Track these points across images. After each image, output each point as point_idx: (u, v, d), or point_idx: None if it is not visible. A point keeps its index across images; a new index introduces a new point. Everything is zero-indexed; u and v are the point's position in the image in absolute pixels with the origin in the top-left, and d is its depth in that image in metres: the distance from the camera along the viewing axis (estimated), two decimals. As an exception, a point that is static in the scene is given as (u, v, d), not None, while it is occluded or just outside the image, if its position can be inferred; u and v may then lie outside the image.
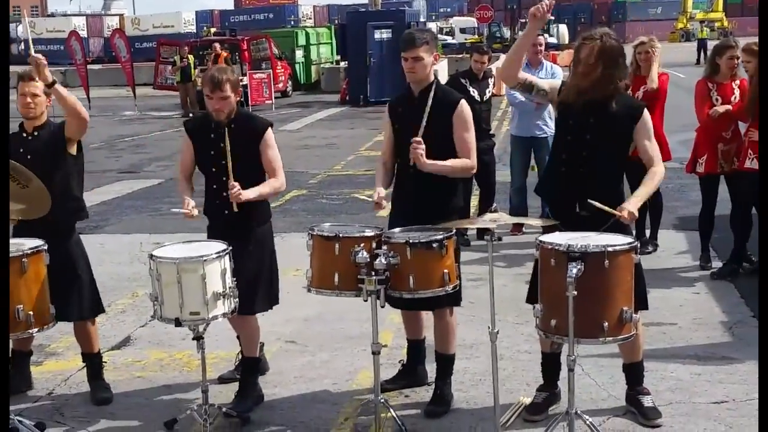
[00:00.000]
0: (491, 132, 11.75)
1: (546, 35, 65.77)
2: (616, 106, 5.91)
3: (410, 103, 6.43)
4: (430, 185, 6.27)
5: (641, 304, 5.95)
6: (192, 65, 31.04)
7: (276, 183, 6.44)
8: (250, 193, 6.24)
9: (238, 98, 6.50)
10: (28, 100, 6.65)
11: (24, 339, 6.69)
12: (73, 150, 6.78)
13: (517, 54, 6.18)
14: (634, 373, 6.31)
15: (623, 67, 6.03)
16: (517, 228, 11.41)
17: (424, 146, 6.10)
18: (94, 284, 6.90)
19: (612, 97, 5.91)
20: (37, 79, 6.61)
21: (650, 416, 6.13)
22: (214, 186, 6.49)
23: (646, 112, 6.04)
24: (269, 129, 6.48)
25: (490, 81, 11.41)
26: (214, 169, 6.46)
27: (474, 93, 11.02)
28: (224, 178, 6.35)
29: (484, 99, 11.18)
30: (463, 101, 6.38)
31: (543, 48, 11.53)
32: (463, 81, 11.12)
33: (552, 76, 10.89)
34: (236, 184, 6.16)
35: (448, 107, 6.32)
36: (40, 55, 6.39)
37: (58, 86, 6.55)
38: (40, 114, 6.74)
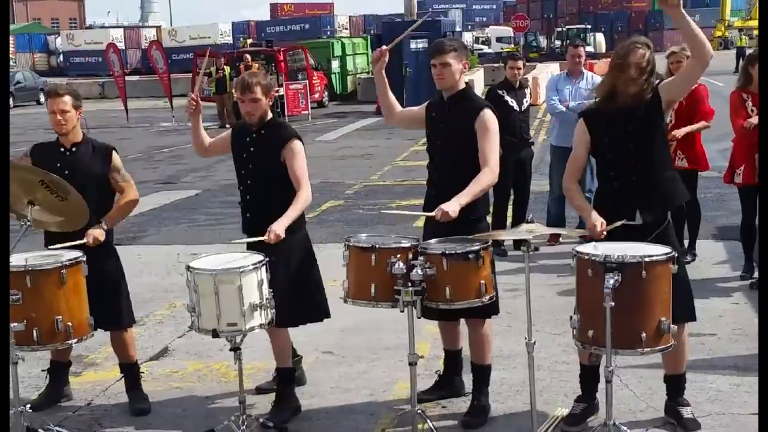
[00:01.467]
0: (531, 141, 11.69)
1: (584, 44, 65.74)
2: (644, 110, 5.90)
3: (441, 108, 6.50)
4: (451, 192, 6.26)
5: (689, 314, 5.94)
6: (228, 76, 31.17)
7: (301, 199, 6.40)
8: (285, 222, 6.25)
9: (271, 102, 6.58)
10: (59, 117, 6.65)
11: (63, 350, 6.74)
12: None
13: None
14: (675, 384, 6.26)
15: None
16: (554, 238, 11.37)
17: (444, 211, 6.05)
18: (127, 295, 6.93)
19: (642, 104, 5.90)
20: (63, 93, 6.68)
21: (689, 428, 6.08)
22: (242, 187, 6.66)
23: (659, 86, 6.03)
24: (296, 140, 6.51)
25: (527, 91, 11.39)
26: (243, 171, 6.61)
27: (513, 103, 11.02)
28: (249, 182, 6.53)
29: (522, 109, 11.17)
30: (486, 109, 6.36)
31: (583, 59, 11.51)
32: (500, 92, 11.11)
33: (593, 85, 10.88)
34: (271, 228, 6.17)
35: (470, 115, 6.33)
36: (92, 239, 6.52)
37: (109, 226, 6.71)
38: (72, 129, 6.74)
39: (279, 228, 6.17)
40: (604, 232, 5.80)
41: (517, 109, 11.07)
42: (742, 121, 9.11)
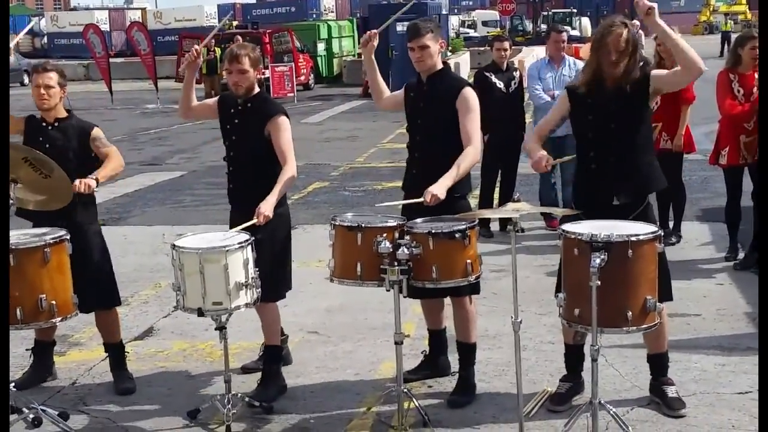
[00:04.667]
0: (522, 122, 11.55)
1: (568, 28, 65.60)
2: (630, 88, 5.90)
3: (419, 89, 6.49)
4: (434, 171, 6.25)
5: (666, 294, 5.93)
6: (218, 58, 31.02)
7: (287, 174, 6.43)
8: (272, 200, 6.28)
9: (259, 75, 6.60)
10: (42, 91, 6.64)
11: (47, 329, 6.71)
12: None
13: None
14: (658, 363, 6.28)
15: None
16: (553, 221, 11.09)
17: (434, 194, 6.02)
18: (112, 275, 6.91)
19: (629, 85, 5.89)
20: (50, 69, 6.66)
21: (674, 407, 6.10)
22: (226, 159, 6.68)
23: (651, 73, 6.00)
24: (282, 115, 6.52)
25: (515, 73, 11.29)
26: (227, 142, 6.64)
27: (499, 84, 10.97)
28: (232, 153, 6.58)
29: (510, 90, 11.09)
30: (467, 87, 6.38)
31: (565, 44, 11.30)
32: (487, 74, 11.07)
33: (576, 71, 10.85)
34: (260, 211, 6.18)
35: (451, 93, 6.33)
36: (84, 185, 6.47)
37: (100, 180, 6.63)
38: (54, 105, 6.71)
39: (267, 209, 6.20)
40: (549, 167, 6.00)
41: (504, 91, 11.01)
42: (728, 101, 9.12)
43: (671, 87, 6.30)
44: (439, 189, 6.02)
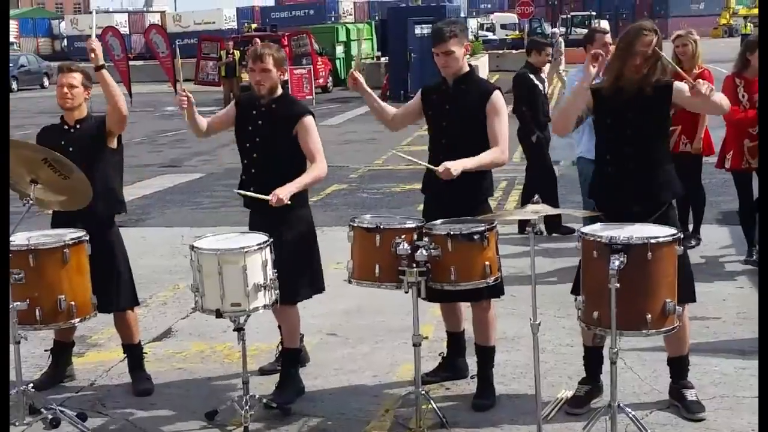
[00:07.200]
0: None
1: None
2: (649, 93, 5.86)
3: (445, 92, 6.43)
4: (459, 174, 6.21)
5: (689, 296, 5.91)
6: (237, 61, 31.08)
7: (316, 170, 6.47)
8: (291, 189, 6.25)
9: (282, 76, 6.59)
10: (65, 90, 6.69)
11: (66, 329, 6.73)
12: (113, 144, 6.81)
13: (571, 112, 5.99)
14: (679, 366, 6.25)
15: None
16: (568, 230, 10.88)
17: (447, 167, 6.01)
18: (130, 276, 6.92)
19: (647, 94, 5.86)
20: (75, 70, 6.69)
21: (693, 410, 6.07)
22: (245, 161, 6.63)
23: (675, 86, 5.94)
24: (309, 115, 6.53)
25: (543, 75, 11.58)
26: (248, 144, 6.59)
27: (541, 87, 11.28)
28: (255, 155, 6.51)
29: (546, 92, 11.52)
30: (497, 91, 6.33)
31: (611, 45, 10.47)
32: (531, 77, 11.20)
33: None
34: (276, 192, 6.17)
35: (482, 97, 6.29)
36: (94, 41, 6.63)
37: (105, 72, 6.63)
38: (78, 105, 6.75)
39: (284, 193, 6.17)
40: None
41: (544, 93, 11.40)
42: (732, 107, 9.08)
43: (692, 109, 6.28)
44: (455, 165, 6.00)
